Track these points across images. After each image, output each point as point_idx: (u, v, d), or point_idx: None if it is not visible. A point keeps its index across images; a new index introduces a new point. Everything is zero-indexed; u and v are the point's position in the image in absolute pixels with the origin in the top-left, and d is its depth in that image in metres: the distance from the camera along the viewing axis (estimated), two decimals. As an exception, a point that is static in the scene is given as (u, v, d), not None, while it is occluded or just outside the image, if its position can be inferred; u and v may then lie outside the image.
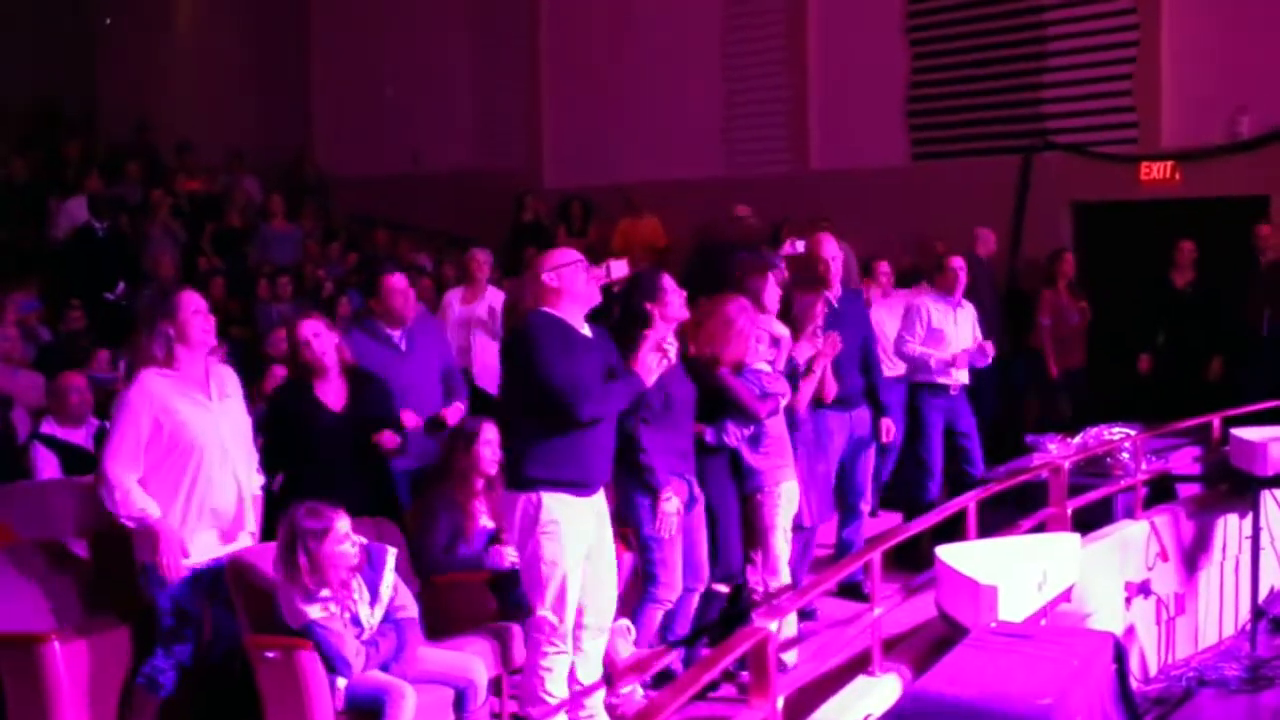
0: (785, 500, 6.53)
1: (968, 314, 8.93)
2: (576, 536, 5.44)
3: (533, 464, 5.41)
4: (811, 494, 6.91)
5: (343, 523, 5.14)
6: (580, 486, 5.45)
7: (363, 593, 5.16)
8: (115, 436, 5.35)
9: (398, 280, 7.22)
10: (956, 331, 8.74)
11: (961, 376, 8.71)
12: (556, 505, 5.39)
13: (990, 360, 8.73)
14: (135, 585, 5.47)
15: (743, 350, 6.41)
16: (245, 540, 5.57)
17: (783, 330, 6.96)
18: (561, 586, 5.41)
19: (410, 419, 6.64)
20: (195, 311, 5.48)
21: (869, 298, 9.56)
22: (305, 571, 5.01)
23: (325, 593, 5.04)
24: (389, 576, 5.24)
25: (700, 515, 6.23)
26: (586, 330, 5.58)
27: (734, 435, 6.43)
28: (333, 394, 6.30)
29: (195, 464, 5.37)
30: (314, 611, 5.01)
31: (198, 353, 5.51)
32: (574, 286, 5.51)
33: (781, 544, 6.52)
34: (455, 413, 7.08)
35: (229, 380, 5.69)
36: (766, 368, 6.61)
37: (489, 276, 9.90)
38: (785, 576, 6.47)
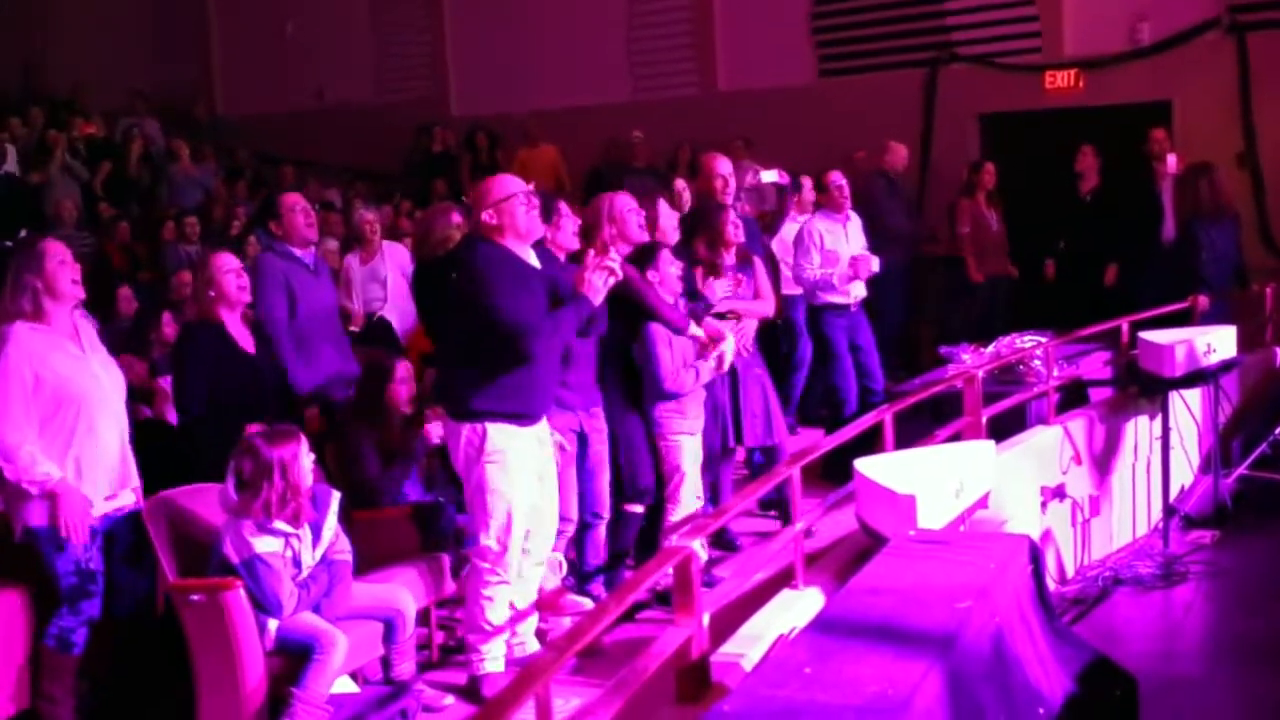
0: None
1: (856, 225, 8.95)
2: (522, 465, 5.43)
3: (477, 396, 5.37)
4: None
5: (302, 441, 5.12)
6: (525, 418, 5.44)
7: (306, 534, 5.13)
8: (1, 400, 5.09)
9: (294, 198, 7.18)
10: (849, 248, 8.75)
11: (858, 291, 8.75)
12: (501, 435, 5.37)
13: (877, 270, 8.79)
14: (19, 548, 5.27)
15: (627, 228, 6.39)
16: (130, 492, 5.44)
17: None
18: (507, 515, 5.41)
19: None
20: (61, 261, 5.25)
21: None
22: (276, 495, 4.95)
23: (279, 524, 5.00)
24: (331, 520, 5.20)
25: (599, 450, 6.21)
26: (534, 259, 5.52)
27: None
28: (242, 337, 6.18)
29: (81, 418, 5.19)
30: (262, 544, 4.95)
31: (66, 305, 5.29)
32: (515, 221, 5.41)
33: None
34: None
35: (92, 333, 5.53)
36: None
37: (381, 234, 10.00)
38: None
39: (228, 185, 14.64)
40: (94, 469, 5.26)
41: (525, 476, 5.45)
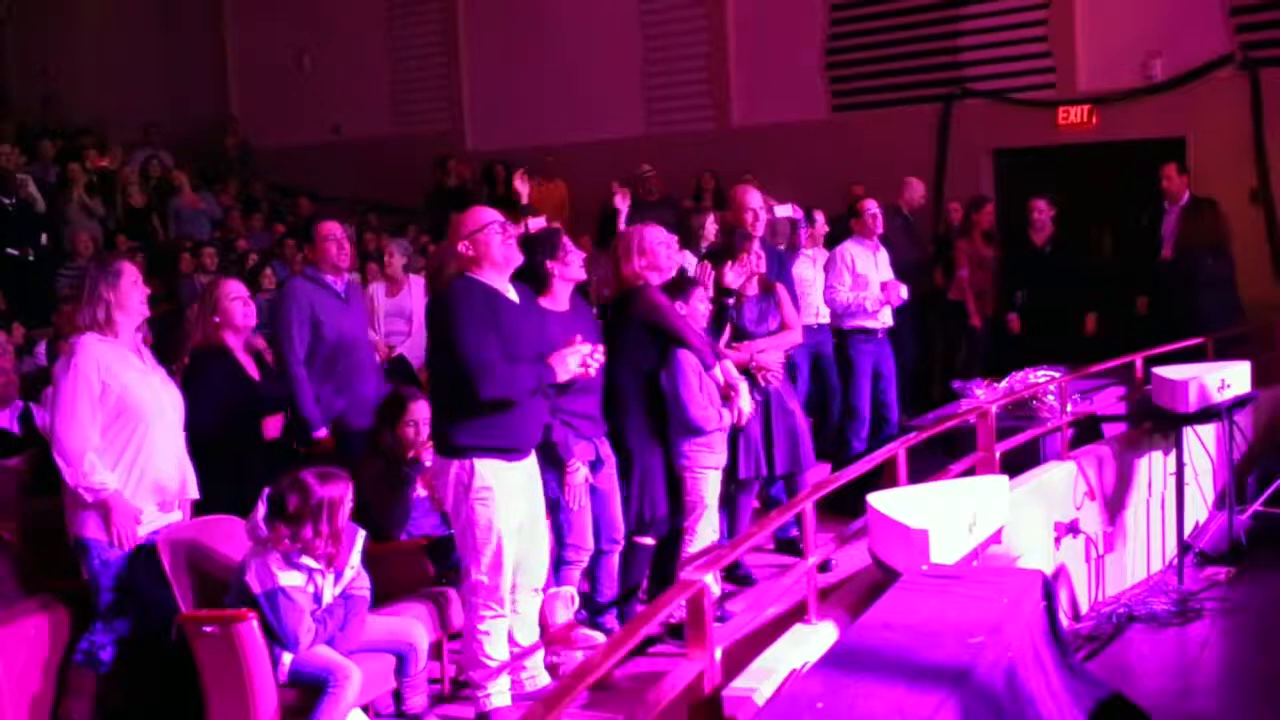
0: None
1: (884, 256, 9.03)
2: (510, 501, 5.42)
3: (463, 431, 5.37)
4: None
5: (350, 485, 5.16)
6: (511, 452, 5.44)
7: (329, 572, 5.13)
8: (65, 404, 5.24)
9: (331, 226, 7.17)
10: (878, 274, 8.82)
11: (886, 318, 8.81)
12: (488, 472, 5.37)
13: (904, 299, 8.81)
14: (71, 563, 5.39)
15: (658, 260, 6.40)
16: (180, 510, 5.53)
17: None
18: (497, 551, 5.40)
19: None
20: (134, 283, 5.48)
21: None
22: (320, 536, 4.99)
23: (307, 560, 5.01)
24: (355, 558, 5.20)
25: (610, 476, 6.22)
26: (513, 294, 5.54)
27: None
28: (247, 363, 6.30)
29: (140, 432, 5.33)
30: (287, 577, 4.96)
31: (133, 321, 5.50)
32: (490, 250, 5.43)
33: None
34: None
35: (150, 357, 5.65)
36: None
37: (404, 266, 10.01)
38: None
39: (244, 218, 14.70)
40: (144, 483, 5.37)
41: (514, 511, 5.46)
